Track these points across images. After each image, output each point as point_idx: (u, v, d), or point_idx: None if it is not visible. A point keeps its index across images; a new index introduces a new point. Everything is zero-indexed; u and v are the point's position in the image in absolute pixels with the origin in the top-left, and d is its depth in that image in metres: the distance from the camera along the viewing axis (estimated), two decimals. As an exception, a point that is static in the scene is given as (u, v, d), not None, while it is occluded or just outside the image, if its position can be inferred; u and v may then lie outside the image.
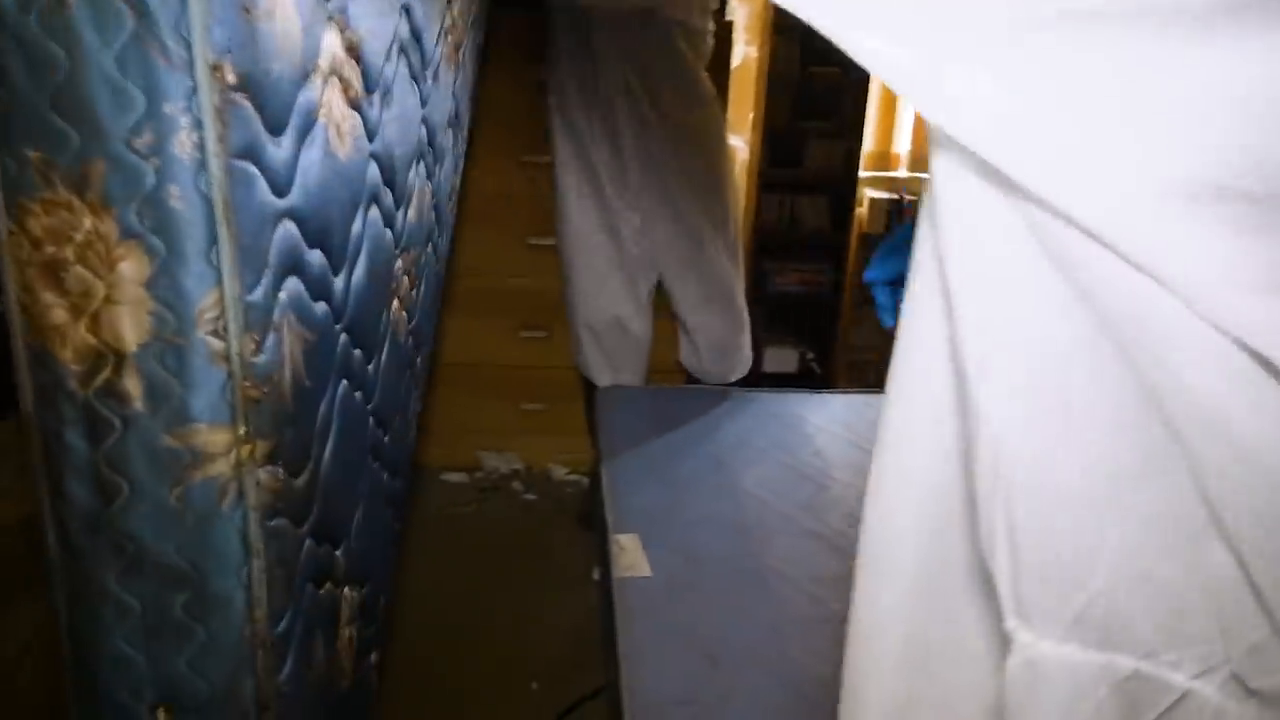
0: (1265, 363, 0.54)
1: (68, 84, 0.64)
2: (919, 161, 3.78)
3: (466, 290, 2.63)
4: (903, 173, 3.85)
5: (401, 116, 1.13)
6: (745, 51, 3.61)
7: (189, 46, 0.64)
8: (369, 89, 0.97)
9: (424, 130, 1.29)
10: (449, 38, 1.40)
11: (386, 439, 1.29)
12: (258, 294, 0.74)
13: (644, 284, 2.53)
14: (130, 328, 0.70)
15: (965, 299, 0.62)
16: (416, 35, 1.16)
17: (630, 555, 2.06)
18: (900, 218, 3.77)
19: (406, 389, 1.42)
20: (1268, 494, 0.57)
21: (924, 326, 0.67)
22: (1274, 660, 0.60)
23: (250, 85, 0.69)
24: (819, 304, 3.82)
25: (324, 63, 0.82)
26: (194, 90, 0.65)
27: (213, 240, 0.69)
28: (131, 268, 0.69)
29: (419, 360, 1.57)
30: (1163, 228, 0.54)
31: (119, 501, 0.75)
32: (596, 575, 2.26)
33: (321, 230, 0.85)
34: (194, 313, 0.70)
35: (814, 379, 3.79)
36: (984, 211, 0.60)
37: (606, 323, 2.50)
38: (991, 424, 0.63)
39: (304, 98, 0.79)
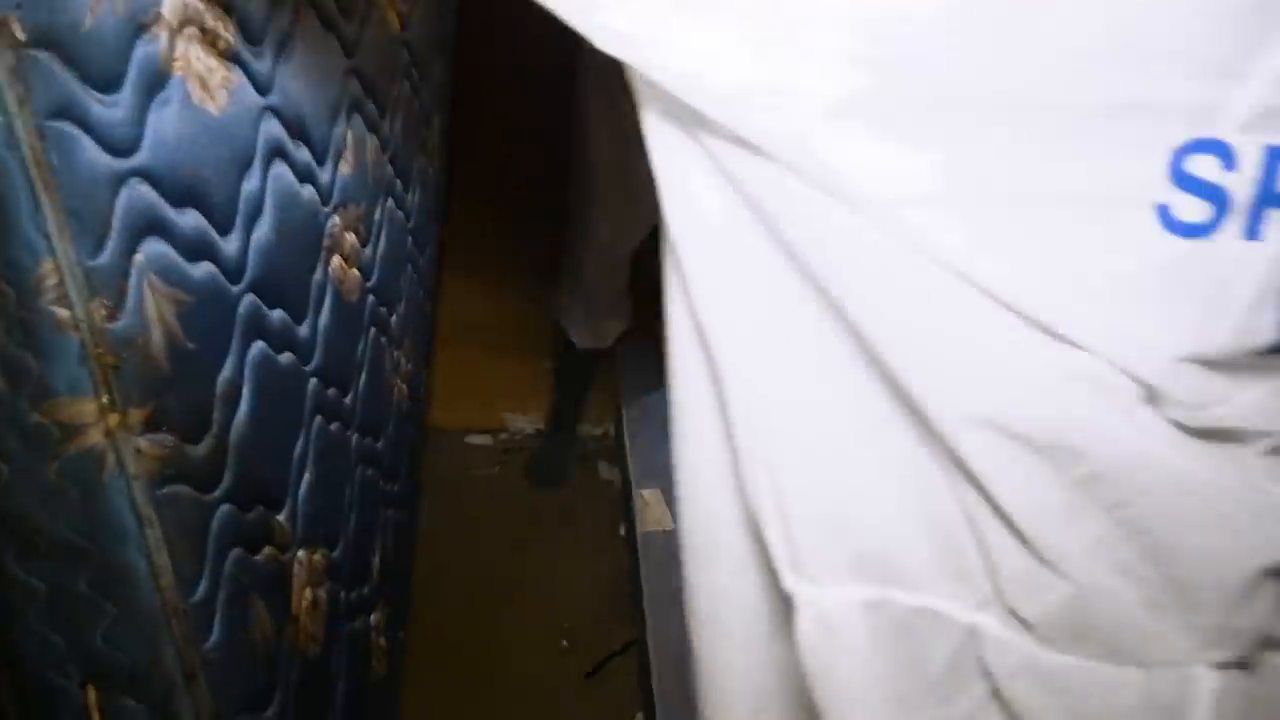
0: (963, 276, 0.53)
1: None
2: None
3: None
4: None
5: (312, 66, 1.10)
6: None
7: (-31, 5, 0.62)
8: (252, 40, 0.93)
9: (355, 81, 1.26)
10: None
11: (347, 399, 1.28)
12: (103, 258, 0.71)
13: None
14: (-26, 305, 0.69)
15: (691, 262, 0.63)
16: (319, -19, 1.12)
17: (654, 510, 2.05)
18: None
19: (373, 348, 1.41)
20: (991, 410, 0.56)
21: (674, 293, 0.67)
22: (1036, 586, 0.59)
23: (53, 41, 0.66)
24: None
25: (168, 13, 0.79)
26: (-16, 51, 0.63)
27: (36, 207, 0.67)
28: (-38, 243, 0.67)
29: (394, 318, 1.55)
30: (837, 146, 0.53)
31: (1, 482, 0.74)
32: (623, 531, 2.24)
33: (189, 190, 0.82)
34: (31, 283, 0.68)
35: None
36: (690, 169, 0.60)
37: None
38: (738, 380, 0.63)
39: (143, 51, 0.75)
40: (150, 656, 0.82)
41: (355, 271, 1.30)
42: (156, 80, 0.78)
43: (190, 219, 0.83)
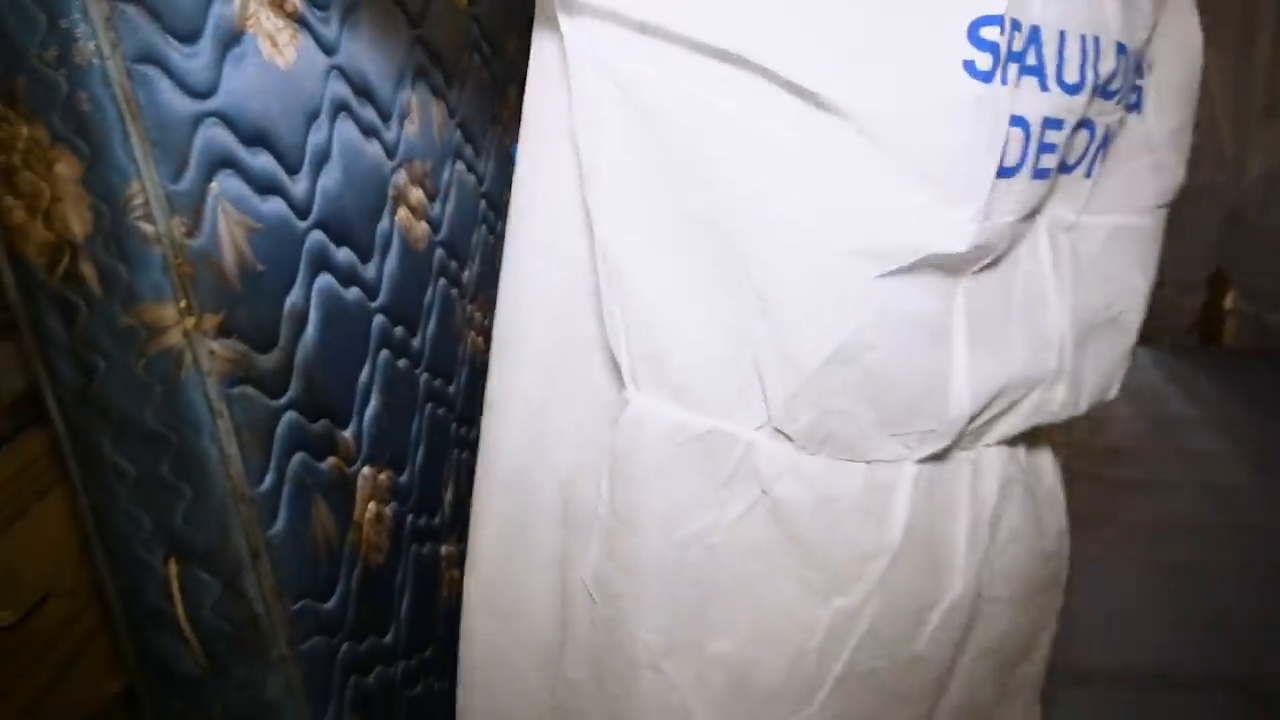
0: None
1: (-15, 12, 0.76)
2: None
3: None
4: None
5: (377, 33, 1.22)
6: None
7: (73, -36, 0.75)
8: (317, 4, 1.06)
9: (420, 49, 1.38)
10: (441, -40, 1.47)
11: (415, 340, 1.40)
12: (182, 184, 0.84)
13: None
14: (76, 221, 0.82)
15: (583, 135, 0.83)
16: (384, -45, 1.24)
17: None
18: None
19: (443, 298, 1.52)
20: (778, 239, 0.76)
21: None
22: (795, 411, 0.81)
23: (140, -5, 0.79)
24: None
25: (240, -25, 0.91)
26: (82, 4, 0.76)
27: (125, 137, 0.80)
28: (66, 168, 0.80)
29: (465, 273, 1.67)
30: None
31: (98, 377, 0.88)
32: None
33: (260, 133, 0.94)
34: (122, 201, 0.81)
35: None
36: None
37: None
38: (602, 231, 0.83)
39: (219, 9, 0.88)
40: (221, 536, 0.95)
41: (423, 223, 1.42)
42: (231, 36, 0.90)
43: (261, 159, 0.95)
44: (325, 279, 1.09)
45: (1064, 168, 0.83)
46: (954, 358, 0.81)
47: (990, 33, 0.69)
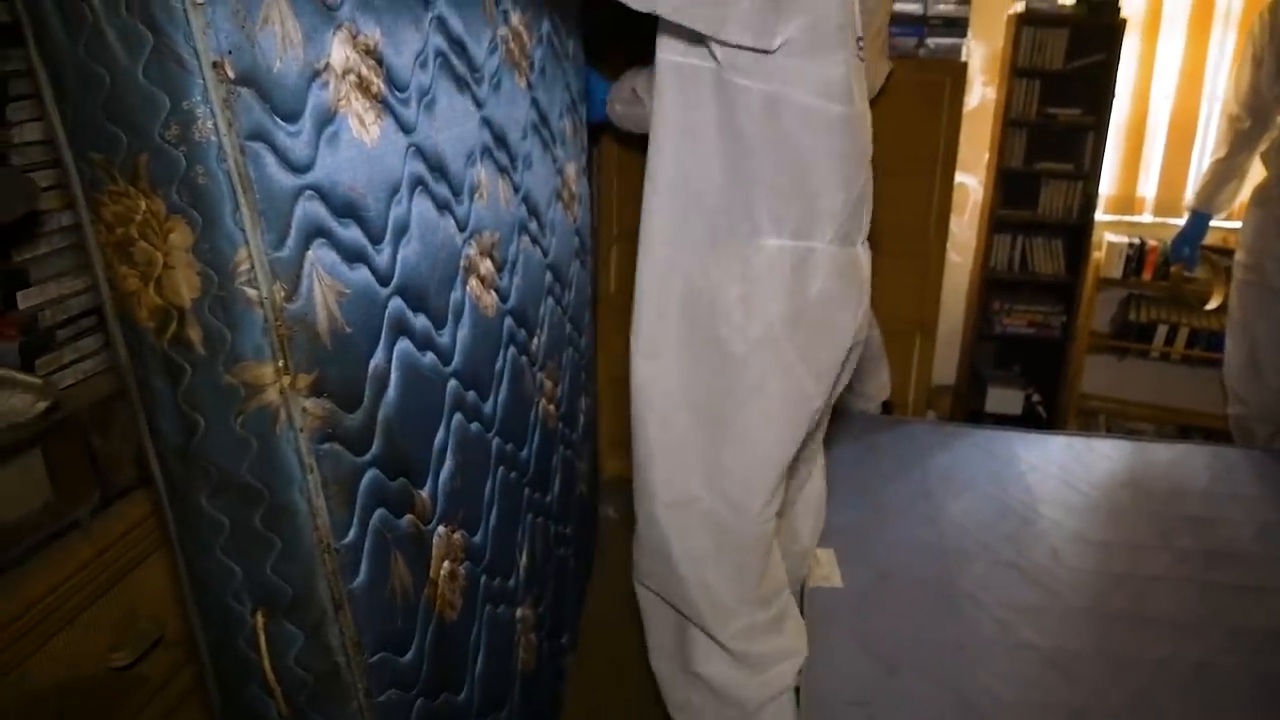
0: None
1: (112, 95, 0.83)
2: (1164, 206, 3.68)
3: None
4: (1146, 217, 3.73)
5: (449, 115, 1.29)
6: (983, 93, 3.70)
7: (196, 53, 0.82)
8: (398, 87, 1.13)
9: (486, 131, 1.45)
10: (508, 45, 1.56)
11: (487, 405, 1.45)
12: (284, 252, 0.90)
13: None
14: (185, 286, 0.88)
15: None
16: (458, 44, 1.32)
17: (825, 567, 2.16)
18: (1141, 263, 3.68)
19: (513, 365, 1.58)
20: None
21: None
22: (849, 227, 1.53)
23: (253, 79, 0.86)
24: (1048, 347, 3.76)
25: (336, 63, 0.98)
26: (204, 87, 0.83)
27: (236, 207, 0.86)
28: (179, 237, 0.87)
29: (534, 342, 1.73)
30: None
31: (198, 433, 0.93)
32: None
33: (350, 206, 1.01)
34: (230, 268, 0.88)
35: (1038, 421, 3.73)
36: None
37: None
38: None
39: (317, 91, 0.95)
40: (307, 587, 0.99)
41: (493, 293, 1.48)
42: (327, 115, 0.97)
43: (350, 230, 1.01)
44: (404, 343, 1.14)
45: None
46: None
47: None
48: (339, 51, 0.99)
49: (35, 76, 0.87)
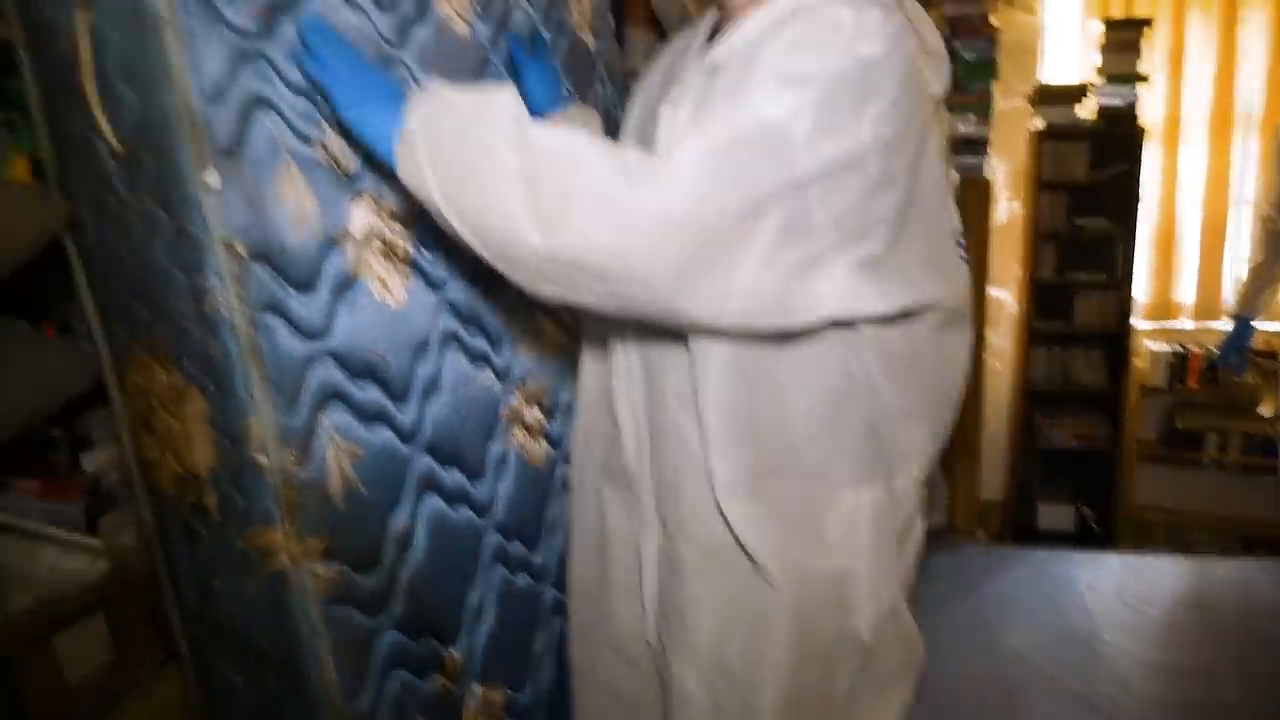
0: None
1: (134, 274, 0.87)
2: (1203, 310, 3.62)
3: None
4: (1186, 323, 3.67)
5: (484, 268, 1.30)
6: (1010, 208, 3.72)
7: (209, 233, 0.85)
8: (428, 247, 1.14)
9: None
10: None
11: (537, 557, 1.40)
12: (295, 419, 0.91)
13: None
14: (201, 455, 0.90)
15: None
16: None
17: None
18: (1185, 369, 3.61)
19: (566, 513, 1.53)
20: None
21: None
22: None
23: (265, 255, 0.89)
24: (1095, 459, 3.66)
25: (356, 229, 1.01)
26: (216, 264, 0.86)
27: (246, 378, 0.88)
28: (195, 407, 0.89)
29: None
30: None
31: (214, 597, 0.93)
32: None
33: (369, 368, 1.02)
34: (241, 436, 0.89)
35: (1094, 538, 3.60)
36: None
37: None
38: None
39: (334, 261, 0.98)
40: (323, 753, 0.97)
41: (542, 441, 1.45)
42: (345, 282, 0.99)
43: (369, 391, 1.02)
44: (433, 500, 1.13)
45: None
46: None
47: None
48: (360, 219, 1.02)
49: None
